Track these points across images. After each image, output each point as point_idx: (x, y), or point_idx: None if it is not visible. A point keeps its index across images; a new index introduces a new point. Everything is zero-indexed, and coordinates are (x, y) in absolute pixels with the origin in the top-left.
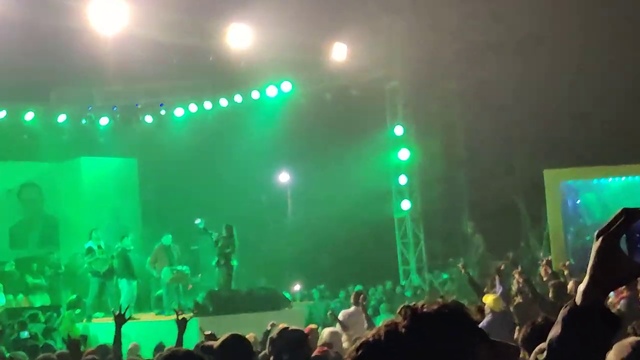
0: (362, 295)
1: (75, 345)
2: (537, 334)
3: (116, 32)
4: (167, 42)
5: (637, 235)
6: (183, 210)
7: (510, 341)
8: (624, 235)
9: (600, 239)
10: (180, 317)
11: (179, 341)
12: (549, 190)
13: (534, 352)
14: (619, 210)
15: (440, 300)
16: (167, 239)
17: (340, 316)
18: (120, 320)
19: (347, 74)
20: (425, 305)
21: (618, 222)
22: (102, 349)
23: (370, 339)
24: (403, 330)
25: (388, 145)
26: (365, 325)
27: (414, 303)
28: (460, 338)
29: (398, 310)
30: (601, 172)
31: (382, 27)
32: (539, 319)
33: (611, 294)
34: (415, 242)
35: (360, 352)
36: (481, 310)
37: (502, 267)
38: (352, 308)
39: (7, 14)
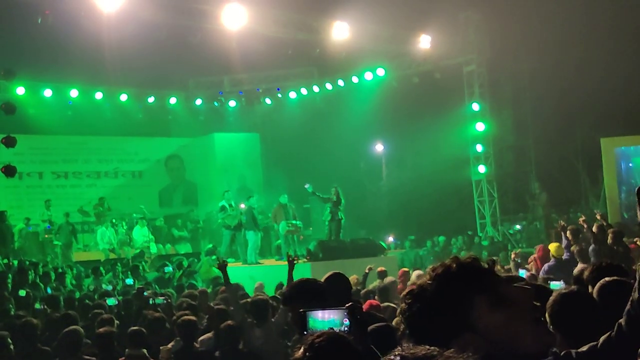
0: None
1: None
2: (601, 274)
3: (240, 30)
4: (281, 37)
5: None
6: (297, 175)
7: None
8: None
9: None
10: (289, 259)
11: (290, 278)
12: (605, 155)
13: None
14: None
15: (455, 257)
16: (284, 198)
17: None
18: (222, 266)
19: (431, 60)
20: (441, 264)
21: None
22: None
23: (416, 290)
24: (428, 286)
25: (466, 119)
26: None
27: (440, 262)
28: (458, 291)
29: (427, 270)
30: None
31: (461, 20)
32: (603, 263)
33: None
34: (490, 200)
35: (408, 301)
36: (493, 262)
37: (564, 224)
38: None
39: (154, 18)
